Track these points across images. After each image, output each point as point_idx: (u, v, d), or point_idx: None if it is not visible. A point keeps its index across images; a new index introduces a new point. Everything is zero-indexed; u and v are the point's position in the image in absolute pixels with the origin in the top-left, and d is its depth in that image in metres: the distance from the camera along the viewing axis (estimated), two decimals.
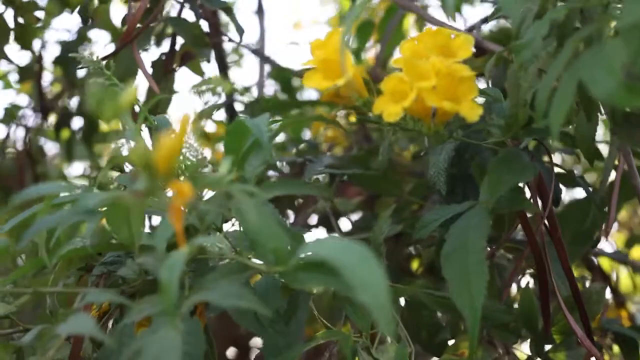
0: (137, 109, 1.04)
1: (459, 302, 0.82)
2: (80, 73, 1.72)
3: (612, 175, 1.07)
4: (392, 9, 1.72)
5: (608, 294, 1.48)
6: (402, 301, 1.13)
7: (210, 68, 2.37)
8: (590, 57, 0.70)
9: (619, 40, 0.69)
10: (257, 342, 1.70)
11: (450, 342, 1.13)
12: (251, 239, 0.73)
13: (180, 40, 1.43)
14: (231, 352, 1.72)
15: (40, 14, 1.56)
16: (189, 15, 1.39)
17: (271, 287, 0.88)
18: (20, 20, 1.54)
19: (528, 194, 1.00)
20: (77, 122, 1.90)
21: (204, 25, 1.42)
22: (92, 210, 0.74)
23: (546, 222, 1.01)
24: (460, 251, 0.86)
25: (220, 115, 1.82)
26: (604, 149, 1.23)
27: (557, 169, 1.07)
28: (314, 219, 1.49)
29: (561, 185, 1.07)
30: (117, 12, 2.04)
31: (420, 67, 0.83)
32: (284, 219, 0.91)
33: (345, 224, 1.44)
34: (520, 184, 0.96)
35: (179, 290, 0.69)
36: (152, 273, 0.84)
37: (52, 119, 1.95)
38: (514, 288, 1.37)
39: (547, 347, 1.10)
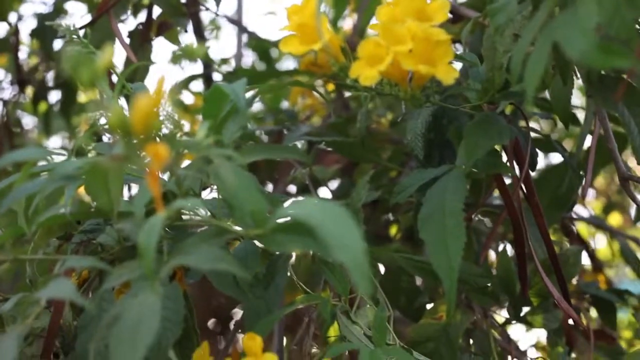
0: (114, 78, 1.03)
1: (436, 264, 0.83)
2: (57, 45, 1.71)
3: (588, 140, 1.08)
4: None
5: (586, 258, 1.50)
6: (381, 268, 1.14)
7: (188, 39, 2.36)
8: (564, 19, 0.70)
9: (592, 1, 0.69)
10: (237, 313, 1.71)
11: (429, 307, 1.14)
12: (229, 202, 0.73)
13: (157, 10, 1.42)
14: (212, 323, 1.73)
15: None
16: None
17: (250, 252, 0.88)
18: None
19: (505, 159, 1.01)
20: (55, 95, 1.89)
21: None
22: (71, 176, 0.74)
23: (523, 186, 1.01)
24: (437, 214, 0.86)
25: (199, 86, 1.82)
26: (580, 115, 1.24)
27: (533, 134, 1.08)
28: (292, 189, 1.50)
29: (538, 150, 1.08)
30: None
31: (397, 31, 0.83)
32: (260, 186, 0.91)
33: (324, 193, 1.44)
34: (497, 148, 0.96)
35: (158, 255, 0.70)
36: (131, 239, 0.84)
37: (29, 91, 1.94)
38: (491, 253, 1.38)
39: (525, 310, 1.11)
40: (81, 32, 0.92)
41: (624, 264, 1.65)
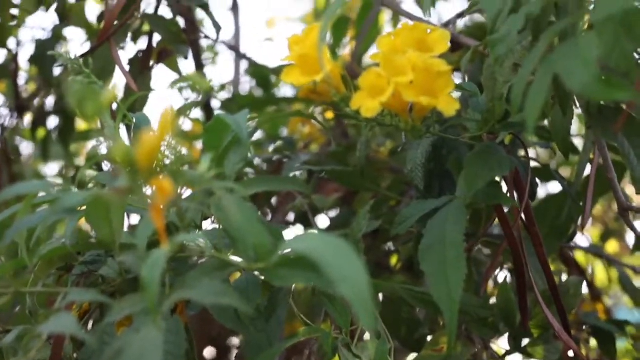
0: (114, 106, 1.03)
1: (437, 296, 0.82)
2: (56, 72, 1.71)
3: (587, 169, 1.08)
4: (368, 5, 1.72)
5: (584, 288, 1.50)
6: (380, 297, 1.14)
7: (186, 65, 2.36)
8: (565, 50, 0.71)
9: (593, 34, 0.70)
10: (234, 341, 1.70)
11: (429, 338, 1.14)
12: (232, 235, 0.73)
13: (157, 38, 1.43)
14: (208, 351, 1.72)
15: (15, 11, 1.55)
16: (165, 12, 1.39)
17: (251, 285, 0.88)
18: None
19: (505, 189, 1.01)
20: (53, 122, 1.89)
21: (180, 22, 1.42)
22: (73, 208, 0.73)
23: (523, 216, 1.01)
24: (438, 245, 0.86)
25: (196, 113, 1.82)
26: (579, 144, 1.25)
27: (533, 163, 1.08)
28: (291, 217, 1.49)
29: (537, 180, 1.08)
30: (92, 10, 2.02)
31: (398, 62, 0.84)
32: (262, 217, 0.91)
33: (323, 221, 1.44)
34: (497, 179, 0.96)
35: (160, 289, 0.69)
36: (133, 272, 0.83)
37: (28, 118, 1.94)
38: (490, 283, 1.37)
39: (525, 341, 1.11)
40: (81, 60, 0.92)
41: (622, 291, 1.65)
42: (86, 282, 0.91)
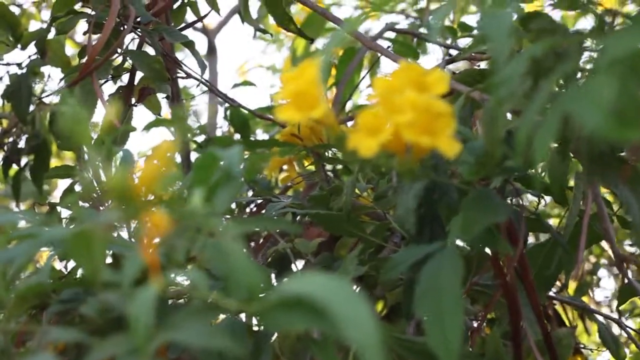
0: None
1: (434, 344, 0.80)
2: (30, 109, 1.67)
3: None
4: (350, 51, 1.71)
5: None
6: None
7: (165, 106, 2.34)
8: (575, 92, 0.69)
9: (604, 75, 0.68)
10: None
11: None
12: (225, 275, 0.70)
13: (138, 75, 1.40)
14: None
15: None
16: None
17: (237, 329, 0.84)
18: None
19: None
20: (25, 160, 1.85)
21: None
22: (56, 241, 0.70)
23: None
24: (434, 292, 0.84)
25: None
26: None
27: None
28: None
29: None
30: (69, 49, 1.99)
31: (397, 102, 0.81)
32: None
33: (300, 266, 1.41)
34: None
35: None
36: (116, 310, 0.79)
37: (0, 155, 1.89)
38: None
39: None
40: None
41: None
42: (62, 322, 0.87)
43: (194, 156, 1.71)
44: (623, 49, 0.69)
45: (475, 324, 1.34)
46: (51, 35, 1.55)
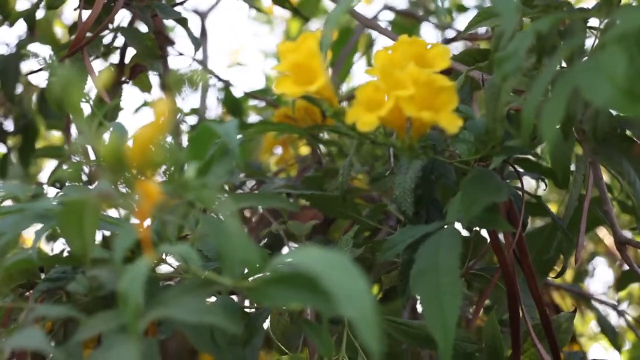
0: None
1: (431, 324, 0.78)
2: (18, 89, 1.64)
3: None
4: (346, 31, 1.68)
5: None
6: None
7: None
8: (585, 66, 0.66)
9: (616, 48, 0.65)
10: None
11: None
12: (219, 251, 0.67)
13: (130, 53, 1.37)
14: None
15: None
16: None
17: (230, 309, 0.82)
18: None
19: None
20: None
21: None
22: (46, 214, 0.67)
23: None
24: (431, 272, 0.82)
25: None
26: None
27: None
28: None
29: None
30: (57, 32, 1.95)
31: (397, 76, 0.79)
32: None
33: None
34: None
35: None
36: (106, 288, 0.77)
37: None
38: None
39: None
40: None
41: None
42: (49, 300, 0.84)
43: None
44: (633, 24, 0.67)
45: (470, 310, 1.33)
46: (40, 14, 1.53)
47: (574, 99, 0.79)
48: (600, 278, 2.14)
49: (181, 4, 1.39)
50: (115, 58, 1.41)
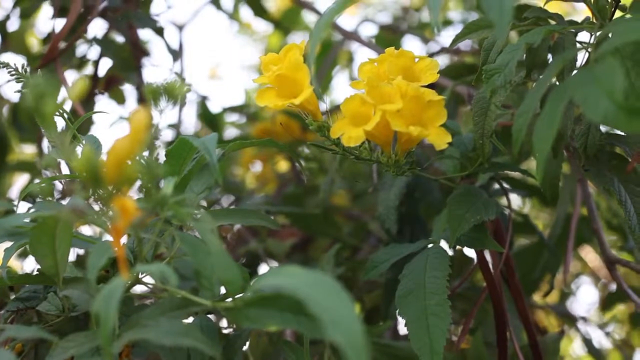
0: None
1: (417, 346, 0.76)
2: None
3: None
4: (328, 44, 1.65)
5: None
6: None
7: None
8: (579, 80, 0.64)
9: (613, 61, 0.63)
10: None
11: None
12: (197, 269, 0.64)
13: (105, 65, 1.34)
14: None
15: None
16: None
17: (208, 330, 0.78)
18: None
19: None
20: None
21: None
22: (16, 232, 0.64)
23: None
24: (418, 292, 0.80)
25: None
26: None
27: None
28: None
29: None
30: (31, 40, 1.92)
31: (384, 89, 0.76)
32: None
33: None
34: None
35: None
36: (79, 308, 0.73)
37: None
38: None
39: None
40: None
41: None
42: (19, 321, 0.81)
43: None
44: (628, 37, 0.65)
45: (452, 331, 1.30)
46: (14, 26, 1.49)
47: (564, 114, 0.77)
48: (583, 298, 2.11)
49: (158, 15, 1.35)
50: (89, 69, 1.38)
